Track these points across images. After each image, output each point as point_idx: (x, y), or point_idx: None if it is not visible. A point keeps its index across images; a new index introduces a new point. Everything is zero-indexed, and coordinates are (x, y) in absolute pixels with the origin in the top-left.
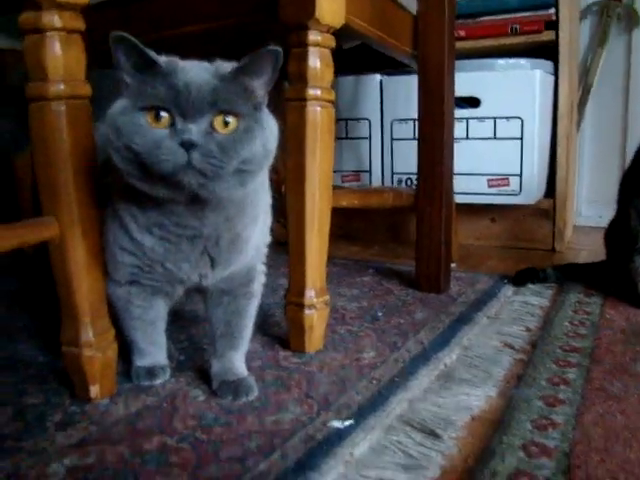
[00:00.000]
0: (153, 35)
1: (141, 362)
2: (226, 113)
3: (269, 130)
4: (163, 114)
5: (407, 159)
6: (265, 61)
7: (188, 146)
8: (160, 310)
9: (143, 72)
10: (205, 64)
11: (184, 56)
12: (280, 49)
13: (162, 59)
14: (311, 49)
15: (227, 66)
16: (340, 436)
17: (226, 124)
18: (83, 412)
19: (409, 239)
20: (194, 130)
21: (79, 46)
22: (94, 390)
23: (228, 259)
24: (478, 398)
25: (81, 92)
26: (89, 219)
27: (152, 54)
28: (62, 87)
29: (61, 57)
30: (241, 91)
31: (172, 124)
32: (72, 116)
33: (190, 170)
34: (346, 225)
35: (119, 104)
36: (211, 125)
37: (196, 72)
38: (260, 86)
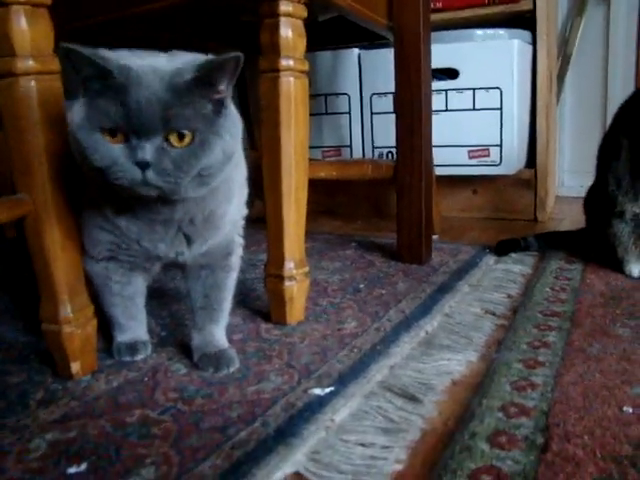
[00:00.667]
0: (119, 13)
1: (122, 338)
2: (180, 129)
3: (229, 134)
4: (118, 131)
5: (387, 133)
6: (225, 69)
7: (143, 165)
8: (139, 285)
9: (96, 81)
10: (161, 66)
11: (155, 34)
12: (240, 54)
13: (114, 63)
14: (282, 19)
15: (184, 70)
16: (321, 403)
17: (181, 138)
18: (65, 389)
19: (391, 213)
20: (147, 148)
21: (46, 20)
22: (75, 367)
23: (204, 236)
24: (459, 363)
25: (50, 67)
26: (63, 195)
27: (105, 63)
28: (30, 62)
29: (28, 31)
30: (198, 101)
31: (127, 139)
32: (42, 92)
33: (146, 186)
34: (328, 200)
35: (77, 113)
36: (166, 139)
37: (149, 84)
38: (220, 90)
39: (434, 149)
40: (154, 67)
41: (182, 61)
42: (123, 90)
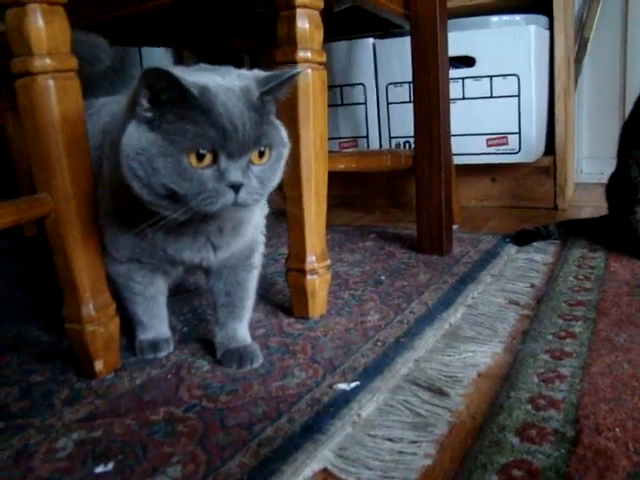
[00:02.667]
0: (135, 9)
1: (144, 335)
2: (265, 146)
3: (283, 143)
4: (207, 154)
5: (404, 122)
6: (285, 83)
7: (237, 187)
8: (161, 285)
9: (176, 104)
10: (229, 84)
11: (171, 28)
12: (301, 70)
13: (194, 84)
14: (299, 11)
15: (252, 86)
16: (346, 398)
17: (261, 154)
18: (89, 387)
19: (410, 203)
20: (239, 169)
21: (62, 18)
22: (98, 365)
23: (230, 243)
24: (484, 355)
25: (68, 65)
26: (83, 194)
27: (190, 88)
28: (47, 61)
29: (44, 30)
30: (268, 116)
31: (214, 161)
32: (60, 90)
33: (234, 206)
34: (346, 192)
35: (144, 139)
36: (249, 159)
37: (233, 103)
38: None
39: (452, 138)
40: (226, 86)
41: (237, 76)
42: (210, 112)
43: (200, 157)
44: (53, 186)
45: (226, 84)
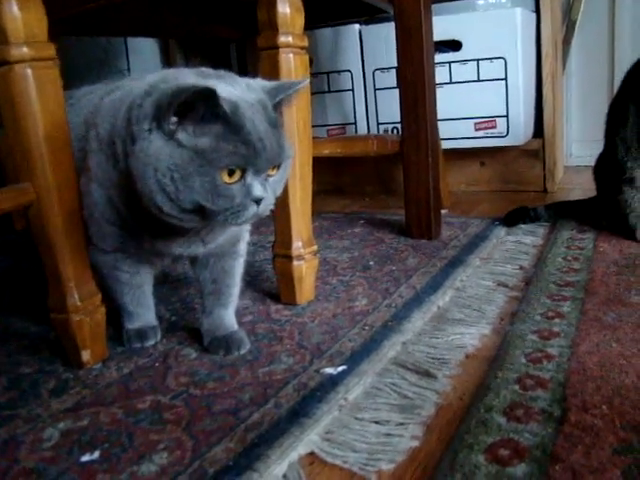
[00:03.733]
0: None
1: (131, 325)
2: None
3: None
4: (237, 171)
5: (392, 108)
6: (296, 93)
7: (259, 201)
8: (147, 274)
9: (208, 122)
10: (250, 97)
11: (155, 16)
12: (307, 81)
13: (225, 101)
14: None
15: (266, 99)
16: (333, 382)
17: (276, 167)
18: (76, 377)
19: (398, 189)
20: (261, 184)
21: (38, 6)
22: (85, 355)
23: (218, 237)
24: (472, 337)
25: (46, 54)
26: (65, 183)
27: (224, 106)
28: (25, 49)
29: (20, 18)
30: (282, 129)
31: (241, 177)
32: (38, 79)
33: (253, 219)
34: (334, 179)
35: (172, 155)
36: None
37: (259, 120)
38: None
39: (440, 122)
40: (249, 101)
41: (246, 87)
42: (241, 130)
43: (231, 173)
44: (34, 176)
45: (246, 98)
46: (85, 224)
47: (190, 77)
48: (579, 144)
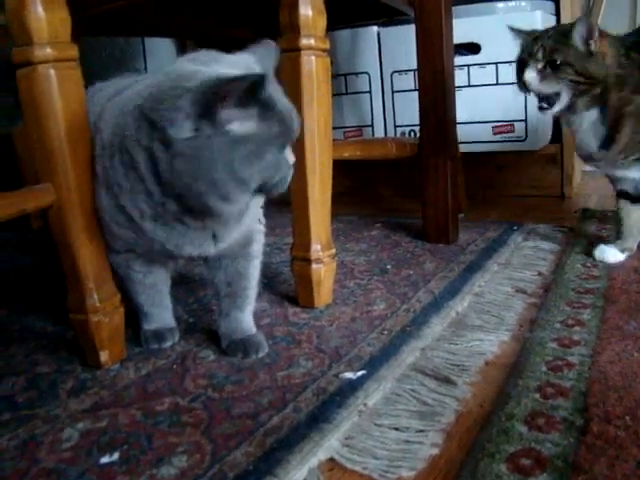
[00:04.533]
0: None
1: (148, 326)
2: None
3: None
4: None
5: (409, 111)
6: None
7: (291, 167)
8: (161, 274)
9: (249, 107)
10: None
11: (171, 18)
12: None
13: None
14: None
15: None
16: (353, 387)
17: None
18: (94, 378)
19: (414, 192)
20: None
21: (62, 7)
22: (104, 355)
23: (232, 233)
24: (491, 343)
25: (69, 54)
26: (86, 184)
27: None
28: (48, 50)
29: (44, 19)
30: None
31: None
32: (61, 80)
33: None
34: (351, 181)
35: (238, 146)
36: None
37: (280, 94)
38: None
39: (458, 126)
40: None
41: (245, 67)
42: (274, 106)
43: (281, 149)
44: (55, 177)
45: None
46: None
47: (192, 65)
48: None
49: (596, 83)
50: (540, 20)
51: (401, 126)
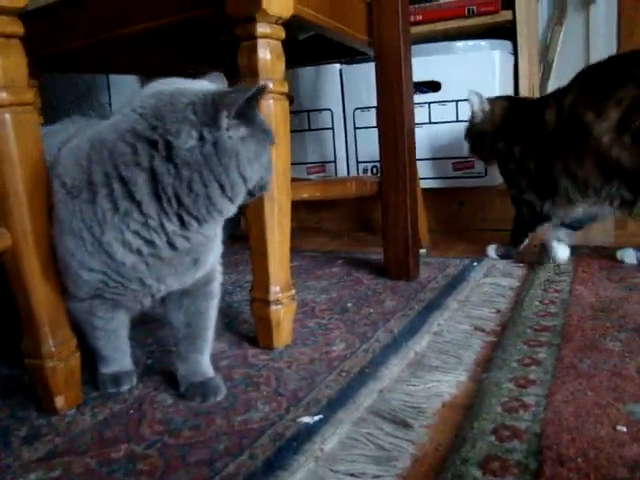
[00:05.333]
0: (102, 36)
1: (106, 369)
2: None
3: None
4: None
5: (371, 147)
6: None
7: None
8: (123, 319)
9: (246, 114)
10: None
11: (140, 57)
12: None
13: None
14: (260, 41)
15: None
16: (310, 432)
17: None
18: (49, 424)
19: (378, 227)
20: None
21: (19, 51)
22: (59, 401)
23: (208, 258)
24: (449, 384)
25: (25, 99)
26: (42, 229)
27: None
28: (4, 95)
29: (0, 63)
30: None
31: None
32: (17, 124)
33: None
34: (313, 217)
35: (253, 145)
36: None
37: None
38: None
39: (418, 162)
40: None
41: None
42: (257, 112)
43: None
44: (11, 222)
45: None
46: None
47: (184, 84)
48: None
49: None
50: (499, 60)
51: (363, 162)
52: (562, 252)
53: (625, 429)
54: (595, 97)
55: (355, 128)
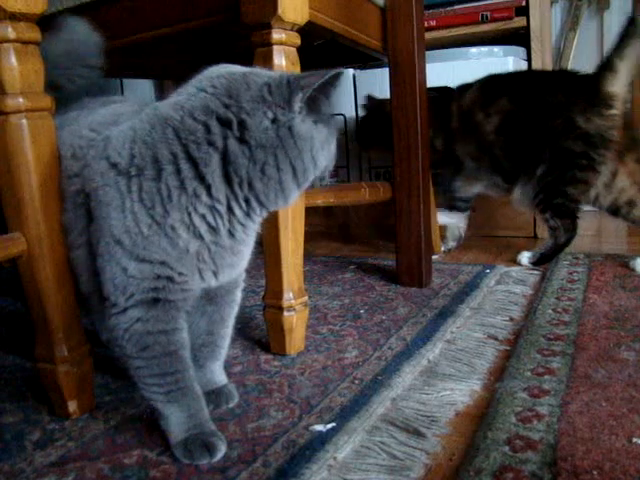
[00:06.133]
0: (120, 41)
1: (183, 430)
2: None
3: None
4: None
5: None
6: None
7: None
8: (184, 336)
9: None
10: None
11: (152, 62)
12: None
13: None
14: (275, 48)
15: None
16: (322, 440)
17: None
18: (62, 429)
19: (390, 232)
20: None
21: (36, 57)
22: (72, 406)
23: (247, 257)
24: (462, 393)
25: (41, 104)
26: (56, 233)
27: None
28: (21, 100)
29: (17, 69)
30: None
31: None
32: (33, 130)
33: None
34: (326, 221)
35: (326, 131)
36: None
37: None
38: None
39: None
40: None
41: None
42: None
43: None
44: (26, 226)
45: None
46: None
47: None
48: None
49: None
50: (512, 66)
51: (376, 167)
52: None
53: None
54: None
55: None
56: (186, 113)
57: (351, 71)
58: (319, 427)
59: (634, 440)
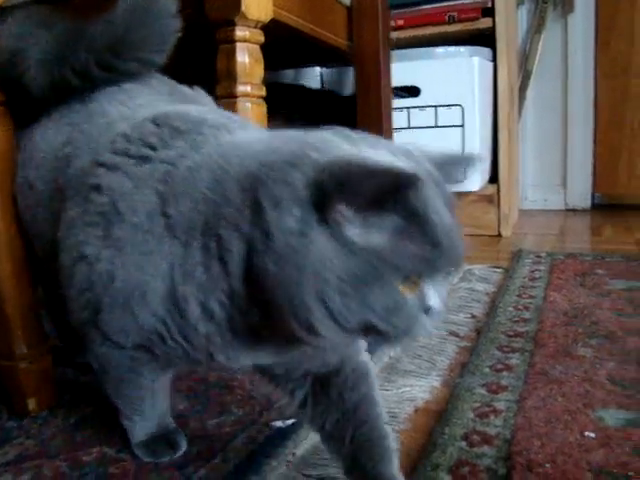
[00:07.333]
0: None
1: (143, 433)
2: None
3: None
4: (418, 278)
5: None
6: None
7: (429, 312)
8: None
9: (385, 212)
10: (425, 172)
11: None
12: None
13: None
14: (239, 45)
15: (434, 172)
16: (282, 436)
17: None
18: (20, 427)
19: None
20: (437, 291)
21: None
22: (32, 403)
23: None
24: (422, 389)
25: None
26: (13, 230)
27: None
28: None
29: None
30: None
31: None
32: None
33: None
34: None
35: (355, 264)
36: None
37: (440, 204)
38: None
39: None
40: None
41: (404, 154)
42: (425, 220)
43: (411, 283)
44: None
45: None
46: (92, 309)
47: (336, 141)
48: (534, 188)
49: None
50: (478, 66)
51: None
52: None
53: (593, 435)
54: None
55: None
56: (245, 173)
57: (318, 69)
58: (279, 423)
59: (586, 434)
